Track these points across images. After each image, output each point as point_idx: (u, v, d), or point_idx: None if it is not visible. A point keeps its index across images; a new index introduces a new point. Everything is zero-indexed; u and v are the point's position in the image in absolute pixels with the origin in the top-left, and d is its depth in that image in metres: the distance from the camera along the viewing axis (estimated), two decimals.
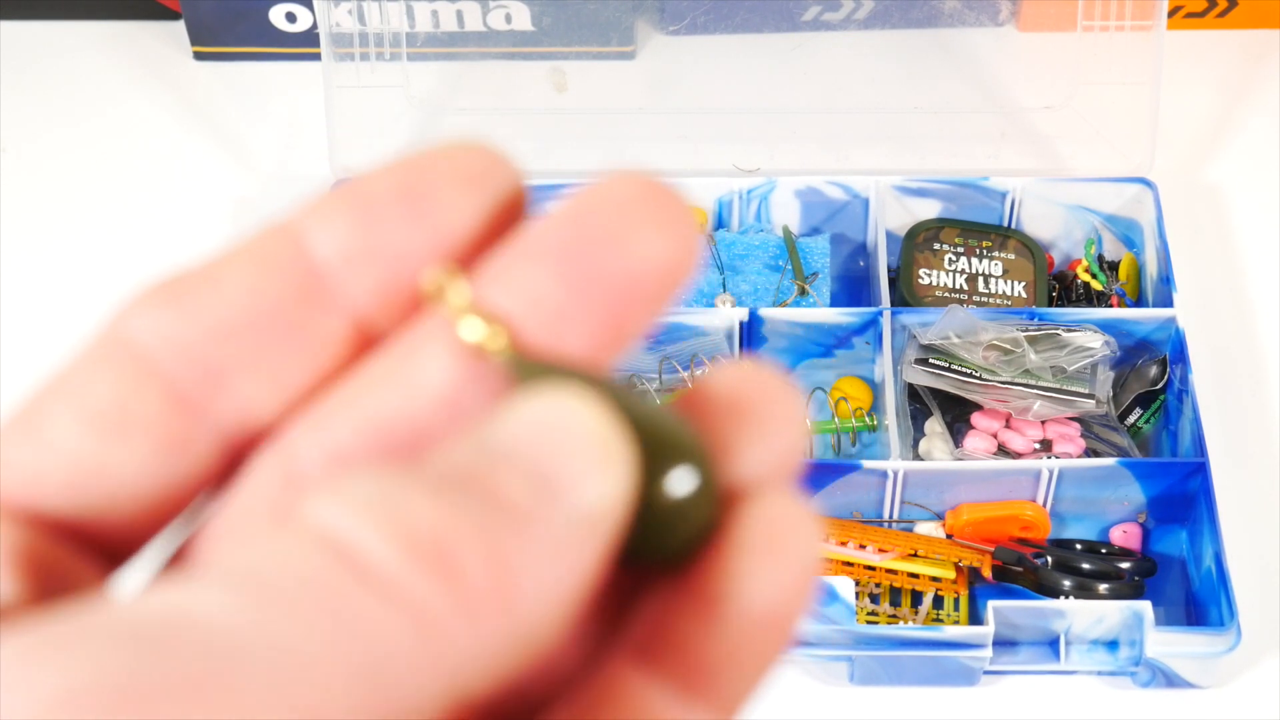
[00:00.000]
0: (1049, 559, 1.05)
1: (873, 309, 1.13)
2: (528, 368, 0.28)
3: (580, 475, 0.27)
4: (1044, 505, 1.07)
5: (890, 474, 1.06)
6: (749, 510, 0.29)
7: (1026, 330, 1.11)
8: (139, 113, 1.30)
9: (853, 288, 1.19)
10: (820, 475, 1.06)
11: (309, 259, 0.29)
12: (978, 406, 1.10)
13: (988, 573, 1.05)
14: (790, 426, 0.30)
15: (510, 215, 0.30)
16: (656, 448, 0.28)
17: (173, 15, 1.31)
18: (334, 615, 0.24)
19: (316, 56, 1.21)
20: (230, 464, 0.30)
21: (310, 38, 1.27)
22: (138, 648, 0.23)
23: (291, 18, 1.29)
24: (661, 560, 0.29)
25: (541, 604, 0.26)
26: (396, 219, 0.29)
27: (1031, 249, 1.18)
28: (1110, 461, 1.06)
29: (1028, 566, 1.04)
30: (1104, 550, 1.06)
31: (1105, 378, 1.10)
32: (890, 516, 1.08)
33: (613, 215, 0.29)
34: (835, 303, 1.16)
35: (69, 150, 1.28)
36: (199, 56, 1.31)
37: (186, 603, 0.24)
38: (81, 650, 0.23)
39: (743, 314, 1.12)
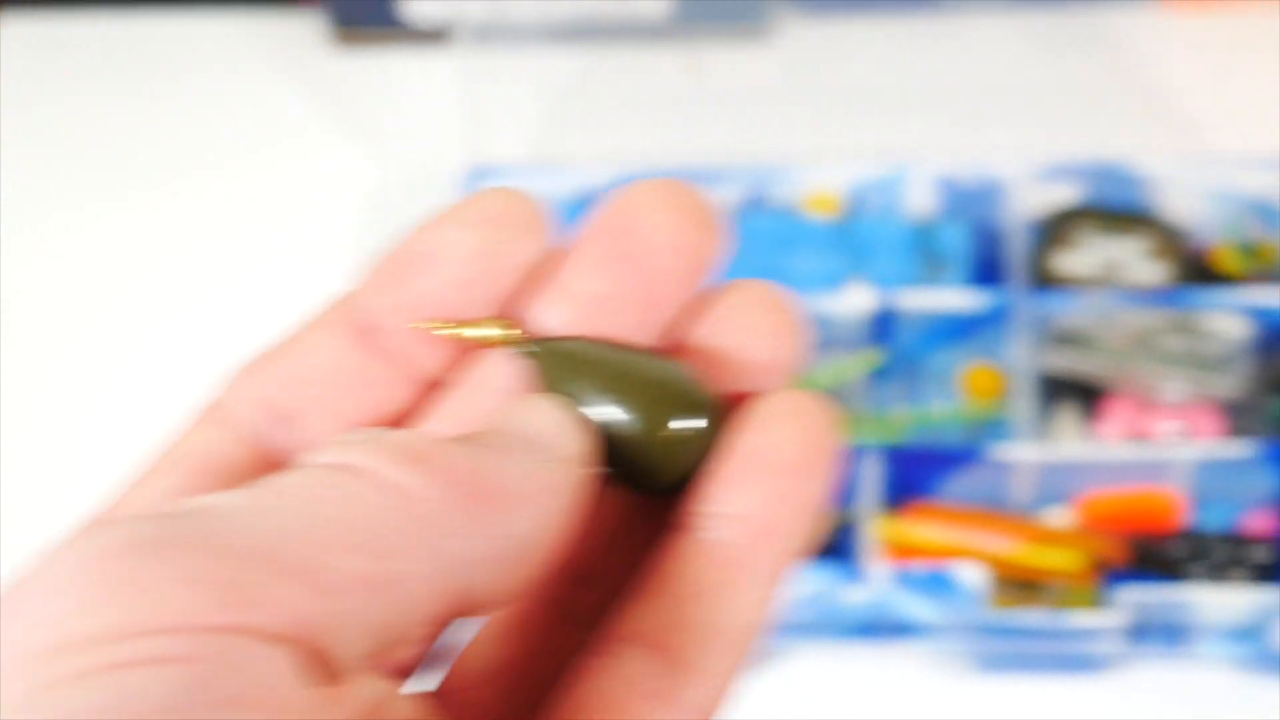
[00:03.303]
0: (1182, 546, 1.03)
1: (1007, 295, 1.11)
2: (546, 350, 0.34)
3: (551, 438, 0.33)
4: (1180, 492, 1.05)
5: (1020, 461, 1.04)
6: (746, 415, 0.34)
7: (1165, 315, 1.09)
8: (271, 105, 1.31)
9: (989, 273, 1.17)
10: (946, 463, 1.05)
11: (364, 316, 0.35)
12: (1114, 392, 1.08)
13: (1120, 560, 1.03)
14: (784, 336, 0.36)
15: (526, 245, 0.35)
16: (654, 392, 0.34)
17: (299, 4, 1.32)
18: (325, 496, 0.29)
19: (451, 46, 1.22)
20: None
21: (445, 28, 1.28)
22: (160, 520, 0.28)
23: (426, 8, 1.30)
24: (668, 484, 0.34)
25: (523, 514, 0.31)
26: (421, 272, 0.34)
27: (1172, 233, 1.15)
28: (1249, 448, 1.04)
29: (1161, 554, 1.03)
30: (1240, 538, 1.04)
31: (1244, 363, 1.08)
32: (1019, 504, 1.06)
33: (634, 212, 0.34)
34: (970, 288, 1.15)
35: (201, 144, 1.30)
36: (334, 47, 1.32)
37: (205, 500, 0.29)
38: (117, 527, 0.28)
39: (875, 298, 1.11)
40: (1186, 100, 1.23)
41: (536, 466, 0.32)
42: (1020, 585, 1.04)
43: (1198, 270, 1.15)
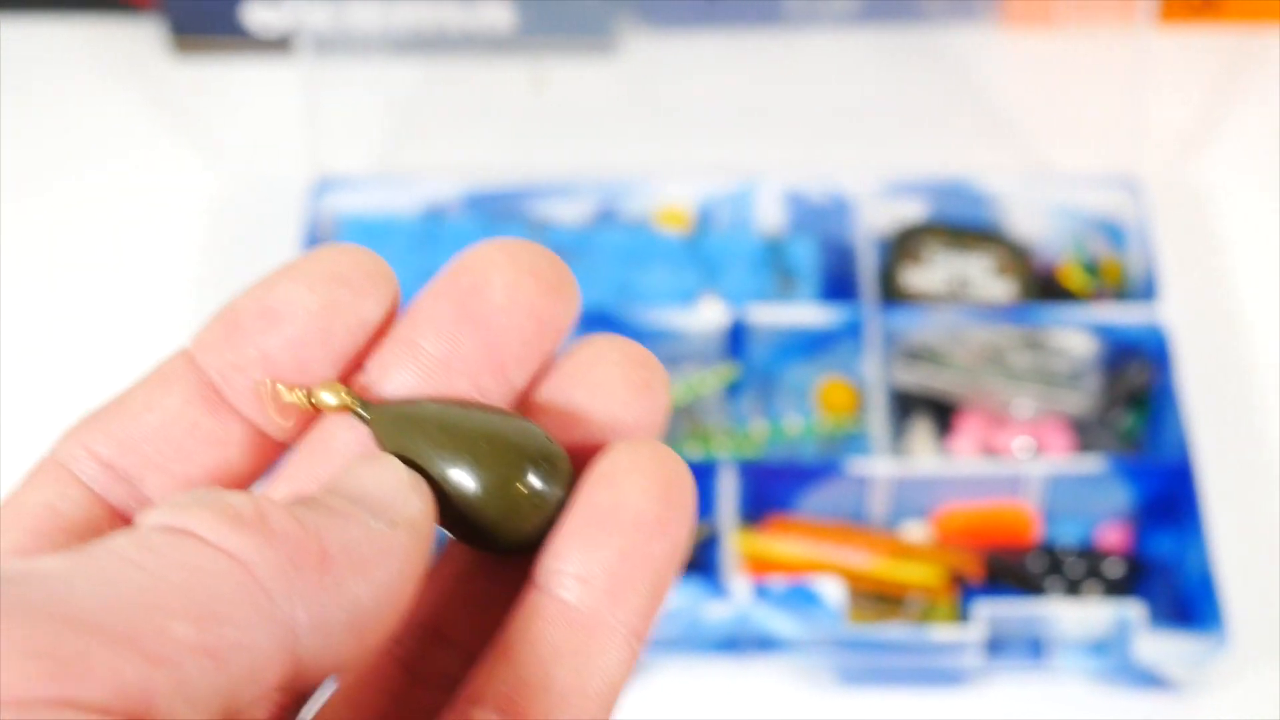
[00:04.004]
0: (1037, 561, 1.04)
1: (859, 310, 1.12)
2: (383, 413, 0.34)
3: (390, 500, 0.32)
4: (1032, 507, 1.06)
5: (876, 476, 1.05)
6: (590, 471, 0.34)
7: (1014, 332, 1.10)
8: (109, 114, 1.28)
9: (839, 289, 1.18)
10: (804, 478, 1.06)
11: (201, 374, 0.34)
12: (965, 408, 1.09)
13: (976, 575, 1.04)
14: (640, 390, 0.35)
15: (370, 304, 0.35)
16: (502, 451, 0.34)
17: (137, 10, 1.30)
18: (155, 560, 0.28)
19: (294, 56, 1.20)
20: None
21: (289, 37, 1.26)
22: None
23: (268, 16, 1.28)
24: (520, 544, 0.34)
25: (362, 579, 0.30)
26: (259, 331, 0.34)
27: (1018, 250, 1.17)
28: (1099, 463, 1.05)
29: (1016, 568, 1.04)
30: (1093, 552, 1.05)
31: (1093, 379, 1.09)
32: (876, 519, 1.07)
33: (481, 272, 0.34)
34: (822, 304, 1.15)
35: (34, 155, 1.26)
36: (174, 55, 1.30)
37: (29, 565, 0.28)
38: None
39: (728, 314, 1.12)
40: (1029, 118, 1.25)
41: (373, 530, 0.31)
42: (877, 599, 1.04)
43: (1044, 287, 1.16)
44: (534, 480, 0.33)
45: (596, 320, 1.09)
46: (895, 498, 1.06)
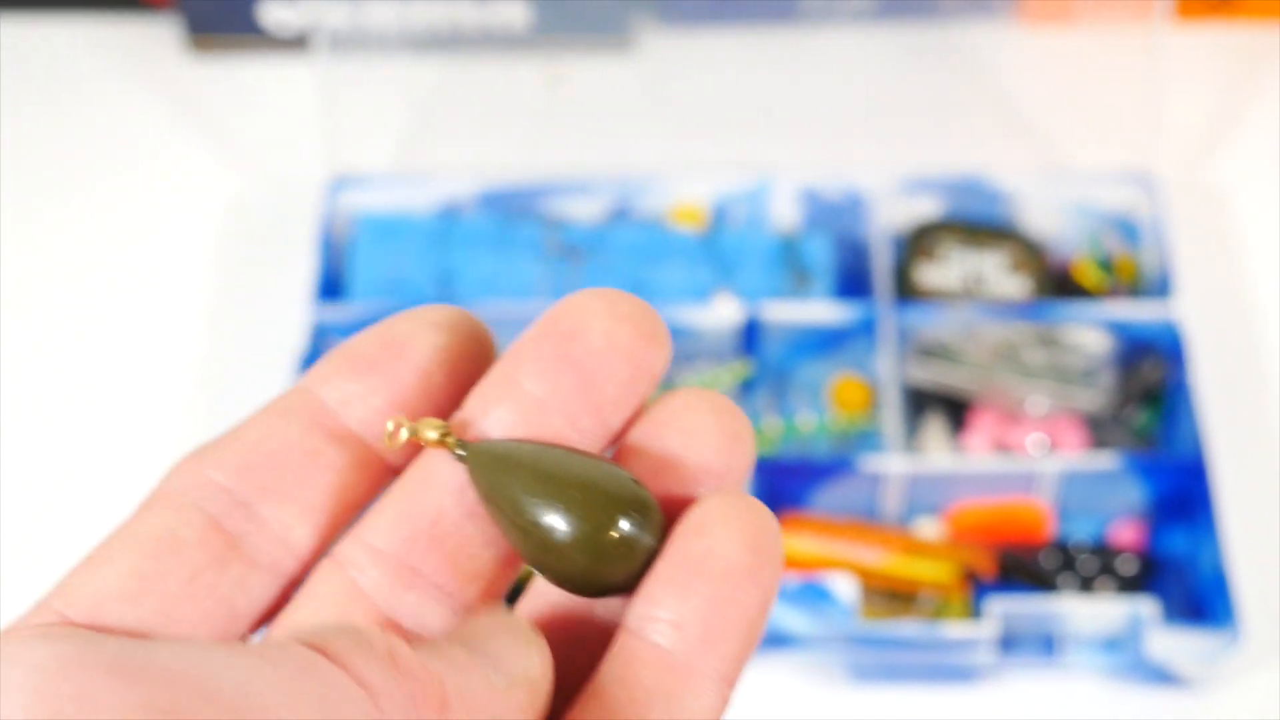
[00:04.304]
0: (1051, 558, 1.04)
1: (873, 307, 1.12)
2: (479, 452, 0.35)
3: (510, 656, 0.33)
4: (1046, 504, 1.06)
5: (889, 473, 1.05)
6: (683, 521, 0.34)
7: (1028, 329, 1.10)
8: (125, 113, 1.29)
9: (853, 286, 1.18)
10: (817, 475, 1.06)
11: (320, 404, 0.36)
12: (978, 405, 1.09)
13: (989, 571, 1.04)
14: (729, 441, 0.36)
15: (477, 351, 0.37)
16: (594, 495, 0.34)
17: (153, 9, 1.30)
18: (296, 672, 0.30)
19: (311, 54, 1.21)
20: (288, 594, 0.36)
21: (305, 35, 1.27)
22: (126, 645, 0.29)
23: (284, 14, 1.28)
24: (610, 587, 0.35)
25: None
26: (382, 361, 0.36)
27: (1033, 247, 1.17)
28: (1112, 460, 1.05)
29: (1029, 565, 1.04)
30: (1106, 549, 1.05)
31: (1107, 376, 1.09)
32: (890, 516, 1.07)
33: (579, 317, 0.35)
34: (836, 301, 1.15)
35: (51, 155, 1.27)
36: (190, 54, 1.30)
37: (179, 639, 0.31)
38: (73, 637, 0.29)
39: (742, 311, 1.12)
40: (1044, 115, 1.25)
41: (493, 683, 0.32)
42: (890, 596, 1.04)
43: (1059, 284, 1.16)
44: (625, 527, 0.34)
45: None
46: (908, 495, 1.06)
